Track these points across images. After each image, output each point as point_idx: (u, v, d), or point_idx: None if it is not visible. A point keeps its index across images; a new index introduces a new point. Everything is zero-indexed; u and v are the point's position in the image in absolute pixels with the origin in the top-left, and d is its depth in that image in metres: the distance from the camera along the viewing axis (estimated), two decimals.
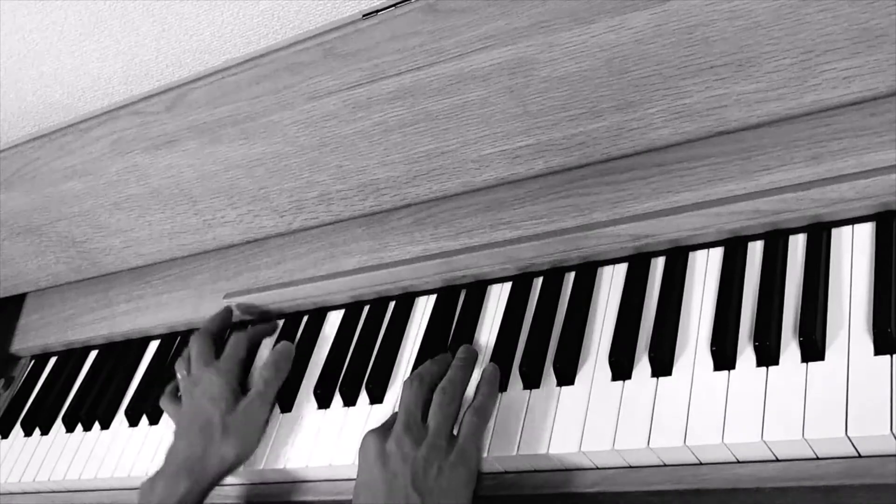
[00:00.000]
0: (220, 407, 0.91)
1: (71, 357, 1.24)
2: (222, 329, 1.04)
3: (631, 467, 0.75)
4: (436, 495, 0.74)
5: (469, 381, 0.83)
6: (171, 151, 1.06)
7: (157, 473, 0.90)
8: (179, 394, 0.98)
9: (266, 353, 0.99)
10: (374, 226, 1.01)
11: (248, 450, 0.91)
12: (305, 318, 1.04)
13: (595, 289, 0.86)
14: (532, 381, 0.82)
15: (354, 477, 0.87)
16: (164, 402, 0.99)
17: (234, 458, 0.90)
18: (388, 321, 0.97)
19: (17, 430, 1.19)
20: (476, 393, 0.81)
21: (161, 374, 1.11)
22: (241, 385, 0.96)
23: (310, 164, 1.00)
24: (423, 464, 0.75)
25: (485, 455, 0.79)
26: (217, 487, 0.95)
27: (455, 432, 0.79)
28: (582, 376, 0.80)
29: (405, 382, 0.83)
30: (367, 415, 0.90)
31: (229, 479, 0.95)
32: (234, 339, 0.99)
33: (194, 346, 0.99)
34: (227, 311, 1.06)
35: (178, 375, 0.99)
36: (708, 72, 0.79)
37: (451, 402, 0.80)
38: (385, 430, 0.80)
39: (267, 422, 0.93)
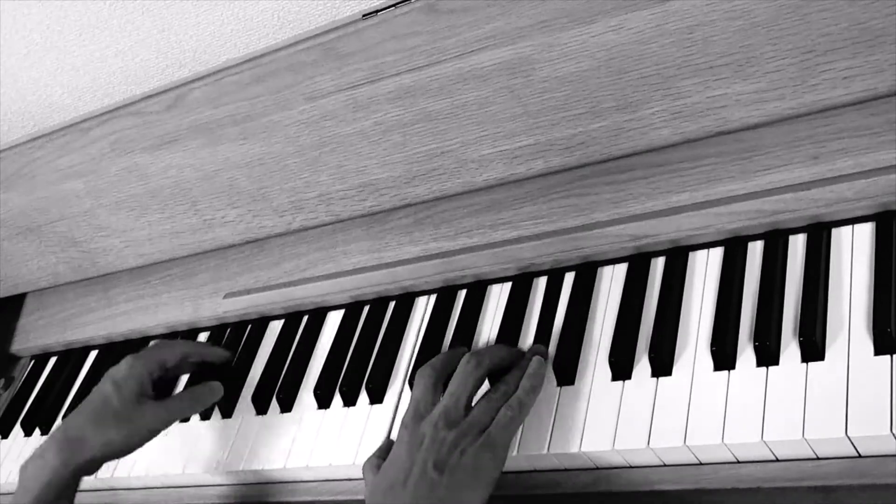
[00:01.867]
0: (121, 392, 0.91)
1: (71, 357, 1.24)
2: (173, 358, 1.00)
3: (631, 467, 0.75)
4: (456, 476, 0.72)
5: (533, 403, 0.80)
6: (171, 151, 1.06)
7: (38, 448, 0.89)
8: None
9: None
10: (374, 226, 1.01)
11: (132, 446, 0.90)
12: (305, 318, 1.04)
13: (595, 289, 0.86)
14: None
15: (354, 477, 0.88)
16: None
17: (119, 447, 0.89)
18: (388, 321, 0.97)
19: (17, 430, 1.19)
20: (519, 385, 0.79)
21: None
22: (156, 387, 0.95)
23: (310, 164, 1.00)
24: (449, 445, 0.74)
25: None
26: (215, 487, 0.95)
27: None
28: (582, 376, 0.80)
29: (466, 357, 0.80)
30: (367, 415, 0.90)
31: (228, 479, 0.95)
32: (171, 342, 0.98)
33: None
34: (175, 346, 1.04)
35: None
36: (708, 72, 0.79)
37: (500, 401, 0.77)
38: (419, 413, 0.78)
39: (155, 433, 0.92)
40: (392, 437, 0.86)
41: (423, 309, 0.96)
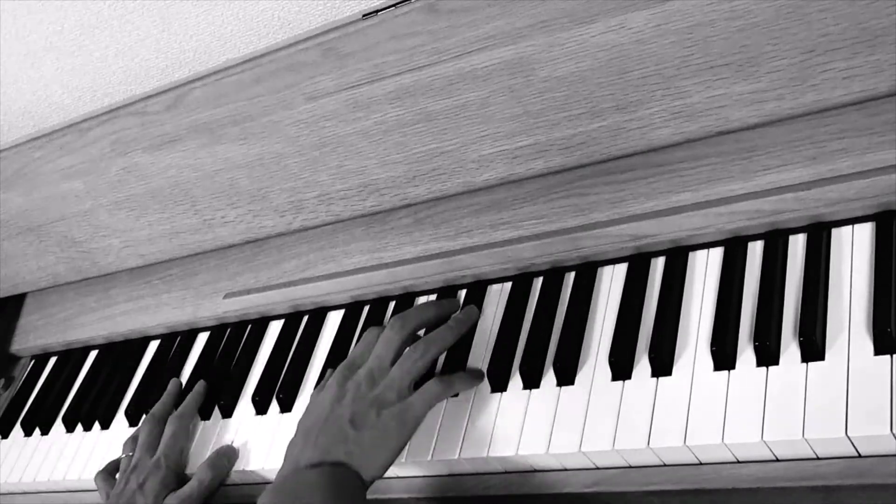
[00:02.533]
0: (148, 500, 0.91)
1: (71, 357, 1.24)
2: (171, 410, 1.03)
3: (631, 467, 0.75)
4: (367, 438, 0.78)
5: (454, 342, 0.86)
6: (171, 151, 1.06)
7: None
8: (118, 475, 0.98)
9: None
10: (374, 226, 1.01)
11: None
12: (305, 318, 1.04)
13: (595, 289, 0.86)
14: (532, 380, 0.82)
15: None
16: (97, 479, 1.00)
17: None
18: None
19: (17, 430, 1.19)
20: (460, 373, 0.84)
21: (161, 374, 1.11)
22: (178, 476, 0.95)
23: (310, 164, 1.00)
24: (367, 405, 0.79)
25: (484, 455, 0.79)
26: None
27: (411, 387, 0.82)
28: (582, 376, 0.80)
29: (391, 321, 0.85)
30: None
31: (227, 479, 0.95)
32: (173, 430, 0.98)
33: (143, 431, 0.99)
34: (177, 386, 1.05)
35: (122, 454, 0.99)
36: (708, 72, 0.79)
37: (422, 360, 0.82)
38: (352, 368, 0.83)
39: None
40: None
41: None
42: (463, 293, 0.94)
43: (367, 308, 1.00)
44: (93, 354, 1.22)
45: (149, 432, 0.99)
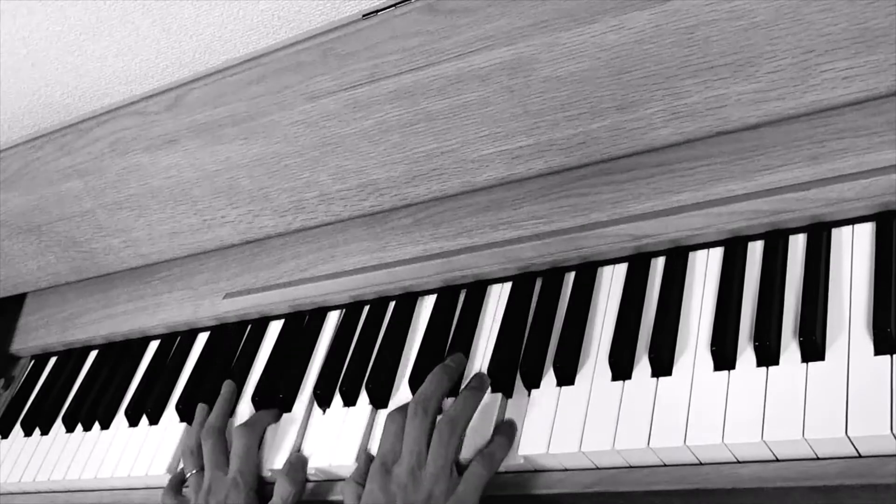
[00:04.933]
0: None
1: (71, 357, 1.24)
2: (229, 417, 0.98)
3: (631, 467, 0.75)
4: None
5: (477, 408, 0.81)
6: (171, 151, 1.06)
7: None
8: (184, 490, 0.95)
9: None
10: (374, 226, 1.01)
11: None
12: (305, 319, 1.04)
13: (595, 289, 0.86)
14: (532, 380, 0.82)
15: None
16: (165, 498, 0.94)
17: None
18: (388, 321, 0.97)
19: (17, 430, 1.19)
20: (492, 439, 0.79)
21: (161, 374, 1.11)
22: (258, 493, 0.91)
23: (310, 164, 1.00)
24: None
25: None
26: None
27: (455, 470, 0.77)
28: (582, 376, 0.80)
29: (411, 408, 0.80)
30: (366, 415, 0.90)
31: None
32: (246, 443, 0.91)
33: (206, 445, 0.94)
34: (231, 391, 1.00)
35: (186, 473, 0.95)
36: (708, 72, 0.79)
37: (453, 440, 0.78)
38: (388, 468, 0.78)
39: None
40: (370, 449, 0.87)
41: (423, 309, 0.96)
42: (463, 293, 0.94)
43: (367, 308, 1.00)
44: (93, 354, 1.22)
45: (213, 446, 0.93)
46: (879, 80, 0.75)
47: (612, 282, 0.86)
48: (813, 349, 0.70)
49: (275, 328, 1.06)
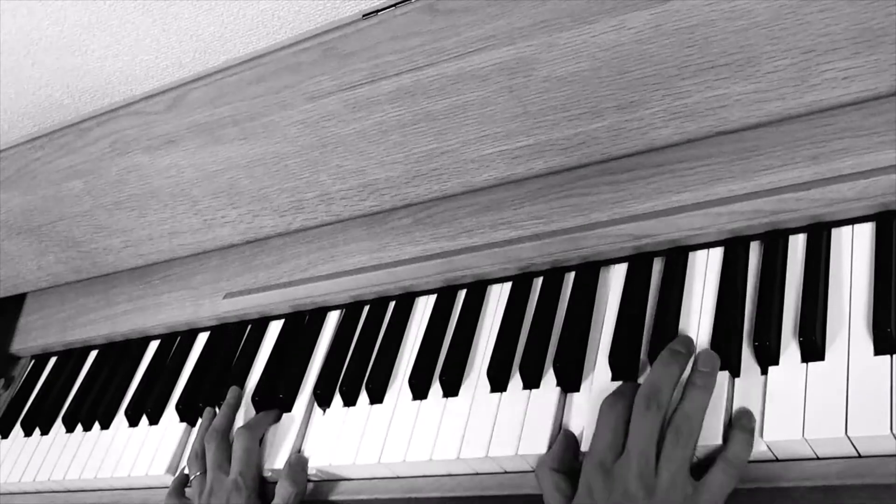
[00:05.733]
0: None
1: (71, 357, 1.24)
2: (233, 421, 0.98)
3: None
4: None
5: (708, 404, 0.71)
6: (171, 151, 1.06)
7: None
8: (187, 490, 0.95)
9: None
10: (374, 226, 1.01)
11: None
12: (305, 319, 1.04)
13: (595, 289, 0.86)
14: (532, 381, 0.82)
15: (349, 477, 0.88)
16: (169, 501, 0.95)
17: None
18: (388, 321, 0.97)
19: (17, 430, 1.19)
20: (731, 441, 0.69)
21: (161, 374, 1.11)
22: (260, 495, 0.90)
23: (310, 164, 1.00)
24: None
25: (482, 455, 0.79)
26: None
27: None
28: (583, 377, 0.80)
29: (638, 399, 0.70)
30: (366, 415, 0.90)
31: None
32: (246, 445, 0.91)
33: (210, 447, 0.93)
34: (237, 396, 1.00)
35: (191, 476, 0.95)
36: (708, 72, 0.79)
37: (693, 437, 0.68)
38: (606, 467, 0.69)
39: None
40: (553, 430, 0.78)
41: (423, 309, 0.96)
42: (463, 293, 0.94)
43: (367, 308, 1.00)
44: (93, 354, 1.22)
45: (216, 448, 0.93)
46: (879, 80, 0.75)
47: (612, 282, 0.86)
48: (813, 349, 0.70)
49: (275, 328, 1.06)
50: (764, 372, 0.72)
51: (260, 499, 0.90)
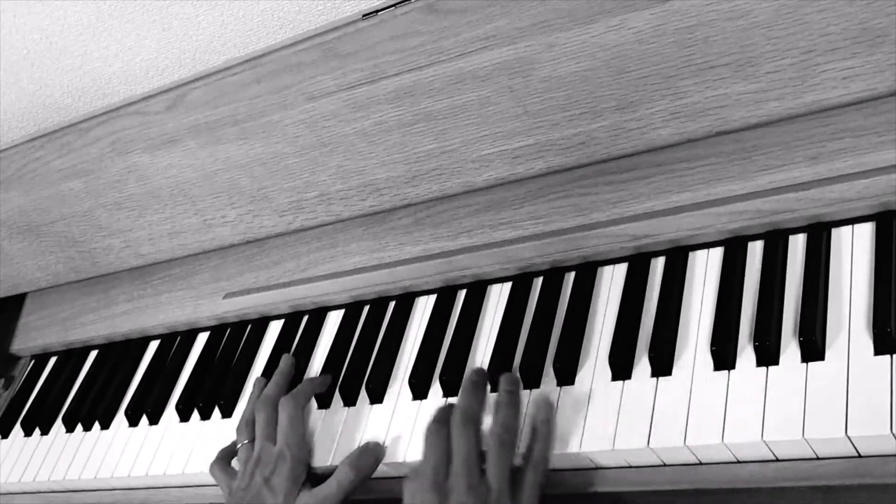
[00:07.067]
0: (278, 499, 0.84)
1: (71, 357, 1.24)
2: (285, 389, 0.96)
3: (631, 467, 0.75)
4: None
5: (520, 416, 0.79)
6: (171, 151, 1.06)
7: None
8: (234, 460, 0.94)
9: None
10: (374, 226, 1.01)
11: None
12: (305, 318, 1.04)
13: (595, 289, 0.86)
14: (532, 381, 0.82)
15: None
16: (214, 469, 0.93)
17: None
18: (388, 321, 0.97)
19: (17, 430, 1.19)
20: (531, 444, 0.76)
21: (161, 374, 1.11)
22: (307, 466, 0.88)
23: (310, 164, 1.00)
24: None
25: None
26: (215, 487, 0.95)
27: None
28: (582, 376, 0.80)
29: (454, 420, 0.78)
30: (366, 414, 0.90)
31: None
32: (291, 414, 0.90)
33: (259, 416, 0.92)
34: (289, 364, 0.98)
35: (238, 444, 0.93)
36: (708, 72, 0.79)
37: (511, 451, 0.76)
38: (439, 483, 0.75)
39: None
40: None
41: (423, 309, 0.96)
42: (463, 293, 0.94)
43: (367, 308, 1.00)
44: (93, 354, 1.22)
45: (266, 418, 0.91)
46: (879, 80, 0.75)
47: (612, 282, 0.86)
48: (813, 349, 0.70)
49: (275, 328, 1.06)
50: (764, 372, 0.72)
51: (306, 472, 0.88)
